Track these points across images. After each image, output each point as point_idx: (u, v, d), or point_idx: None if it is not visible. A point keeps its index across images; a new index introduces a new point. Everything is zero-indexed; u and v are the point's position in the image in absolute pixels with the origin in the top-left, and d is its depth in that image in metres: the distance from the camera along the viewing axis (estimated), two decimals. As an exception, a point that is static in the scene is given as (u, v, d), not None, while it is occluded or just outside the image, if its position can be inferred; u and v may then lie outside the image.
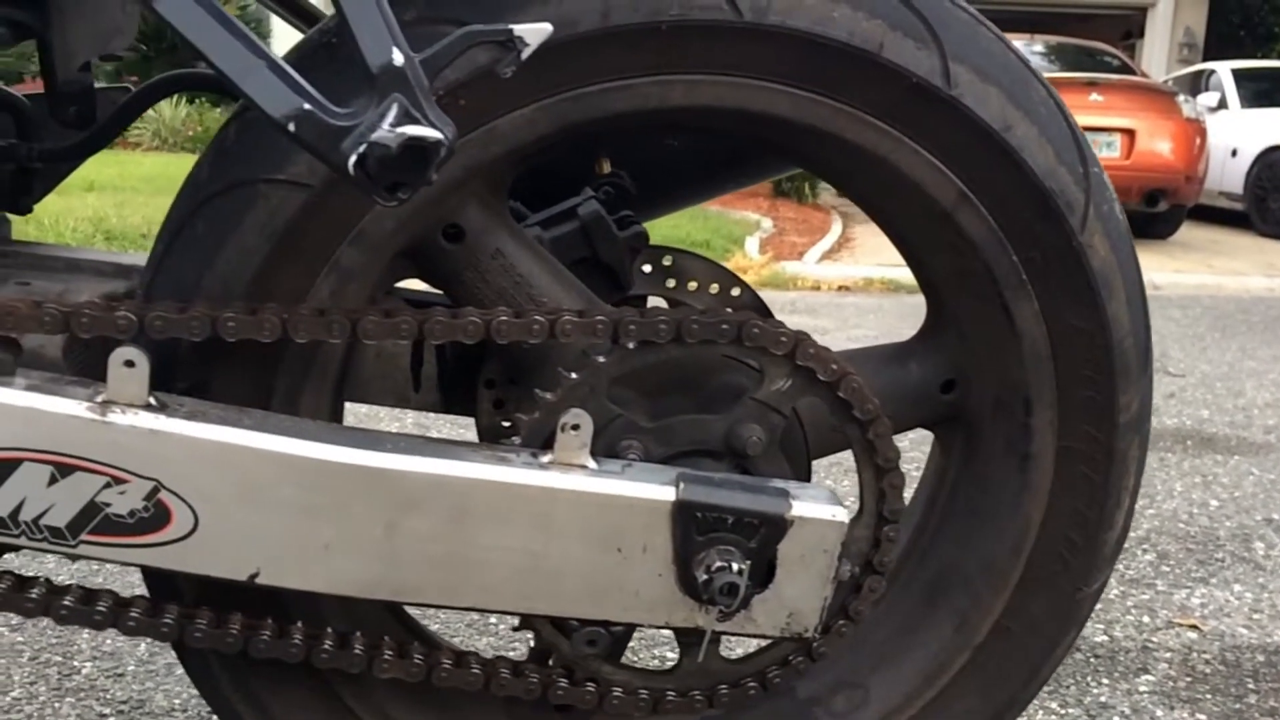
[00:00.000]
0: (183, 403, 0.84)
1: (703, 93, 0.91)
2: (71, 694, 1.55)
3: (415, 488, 0.84)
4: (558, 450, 0.87)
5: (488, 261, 0.99)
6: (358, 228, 0.90)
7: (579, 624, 0.92)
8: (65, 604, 0.88)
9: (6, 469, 0.81)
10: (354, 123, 0.71)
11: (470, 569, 0.86)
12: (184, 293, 0.90)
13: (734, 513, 0.87)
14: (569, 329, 0.89)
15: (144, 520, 0.83)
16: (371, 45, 0.71)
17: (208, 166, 0.91)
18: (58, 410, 0.81)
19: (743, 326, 0.91)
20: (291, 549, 0.85)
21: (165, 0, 0.71)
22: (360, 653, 0.93)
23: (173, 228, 0.92)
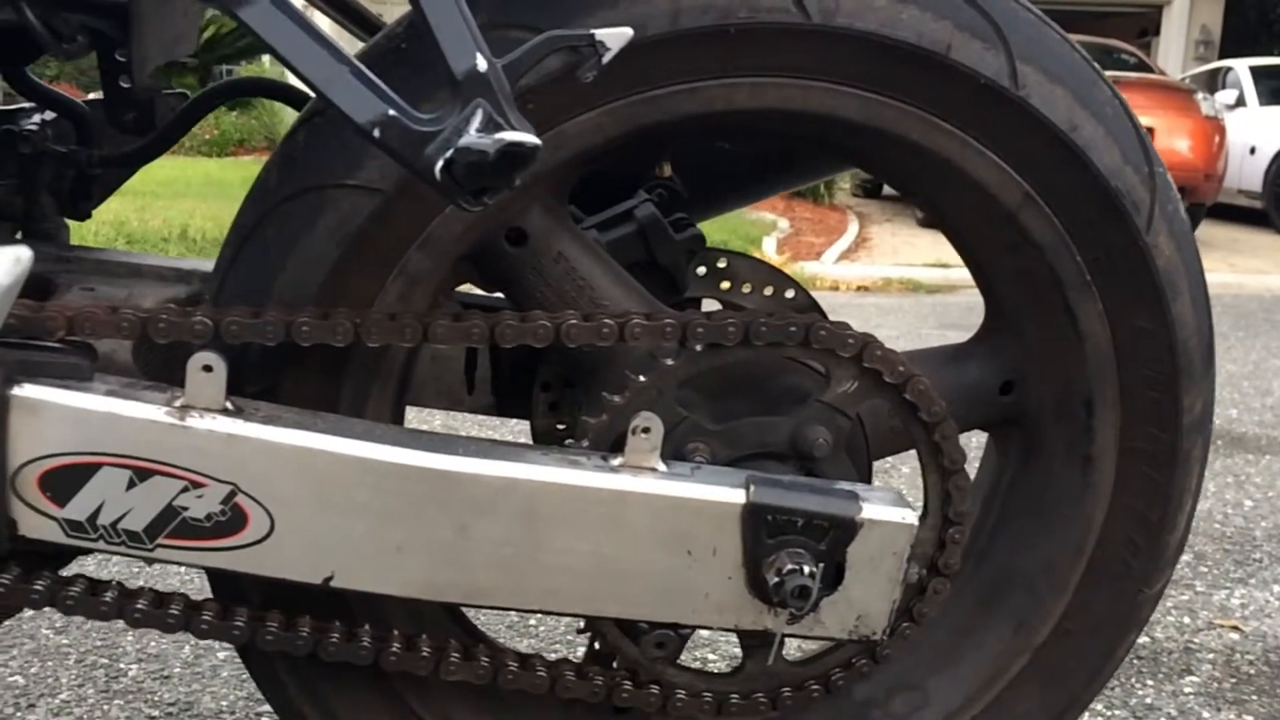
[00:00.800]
0: (258, 407, 0.85)
1: (769, 95, 0.91)
2: (119, 696, 1.56)
3: (487, 491, 0.84)
4: (628, 453, 0.87)
5: (550, 265, 0.99)
6: (426, 232, 0.91)
7: (648, 626, 0.92)
8: (139, 608, 0.89)
9: (86, 473, 0.82)
10: (437, 128, 0.72)
11: (541, 572, 0.87)
12: (254, 298, 0.90)
13: (804, 515, 0.87)
14: (638, 332, 0.89)
15: (221, 524, 0.83)
16: (455, 51, 0.71)
17: (276, 172, 0.92)
18: (137, 415, 0.81)
19: (810, 329, 0.91)
20: (365, 552, 0.85)
21: (249, 7, 0.72)
22: (427, 655, 0.94)
23: (242, 233, 0.92)
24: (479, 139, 0.67)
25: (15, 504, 0.82)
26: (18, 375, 0.80)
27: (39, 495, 0.82)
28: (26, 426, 0.81)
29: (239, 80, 1.20)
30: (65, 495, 0.82)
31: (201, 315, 0.84)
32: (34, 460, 0.81)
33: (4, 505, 0.82)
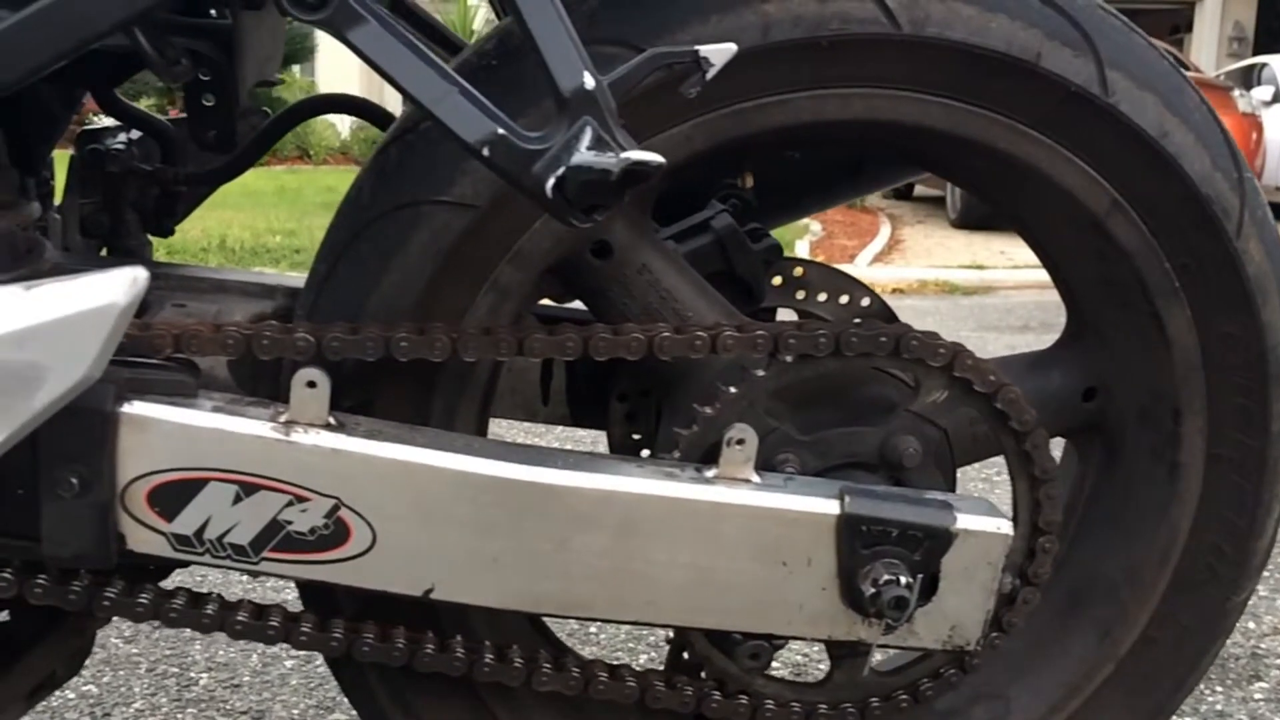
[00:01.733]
0: (359, 422, 0.86)
1: (856, 106, 0.92)
2: (192, 705, 1.58)
3: (586, 503, 0.85)
4: (722, 465, 0.88)
5: (634, 277, 0.99)
6: (516, 247, 0.92)
7: (742, 638, 0.92)
8: (240, 620, 0.90)
9: (193, 488, 0.83)
10: (544, 146, 0.73)
11: (637, 583, 0.87)
12: (349, 313, 0.91)
13: (899, 526, 0.87)
14: (730, 343, 0.90)
15: (324, 537, 0.85)
16: (562, 69, 0.72)
17: (369, 189, 0.93)
18: (243, 431, 0.83)
19: (901, 339, 0.91)
20: (465, 564, 0.86)
21: (357, 30, 0.73)
22: (519, 666, 0.94)
23: (335, 249, 0.94)
24: (601, 158, 0.68)
25: (124, 519, 0.83)
26: (127, 393, 0.82)
27: (147, 510, 0.83)
28: (136, 443, 0.82)
29: (322, 97, 1.21)
30: (173, 510, 0.83)
31: (303, 332, 0.86)
32: (143, 476, 0.83)
33: (113, 520, 0.83)
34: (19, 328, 0.74)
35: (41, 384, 0.75)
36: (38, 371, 0.75)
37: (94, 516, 0.82)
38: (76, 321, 0.75)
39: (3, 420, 0.76)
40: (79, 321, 0.75)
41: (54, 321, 0.74)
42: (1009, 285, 6.25)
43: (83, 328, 0.75)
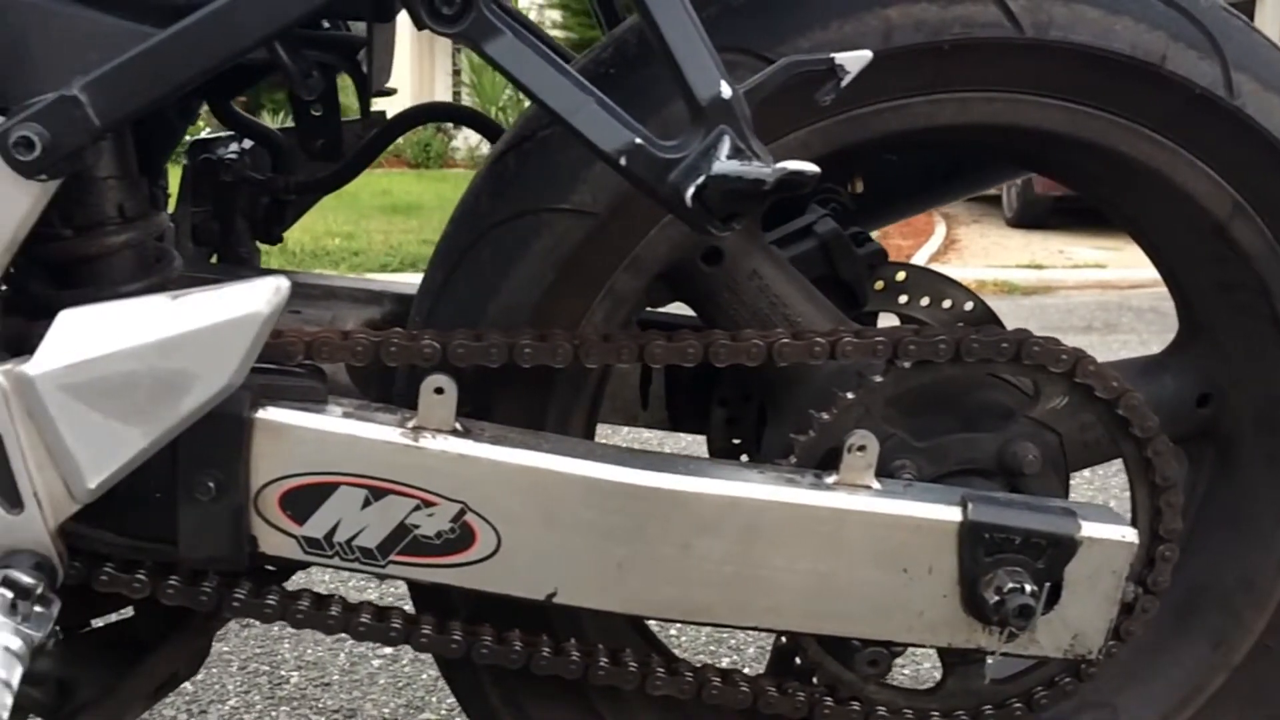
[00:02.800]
0: (484, 428, 0.87)
1: (975, 110, 0.91)
2: (285, 703, 1.61)
3: (709, 509, 0.85)
4: (843, 471, 0.87)
5: (744, 282, 1.00)
6: (634, 253, 0.92)
7: (861, 644, 0.92)
8: (362, 622, 0.92)
9: (324, 493, 0.85)
10: (679, 155, 0.73)
11: (759, 589, 0.87)
12: (468, 320, 0.92)
13: (1023, 533, 0.87)
14: (849, 349, 0.90)
15: (450, 541, 0.86)
16: (698, 78, 0.72)
17: (488, 196, 0.94)
18: (373, 436, 0.84)
19: (1022, 344, 0.90)
20: (588, 570, 0.86)
21: (494, 43, 0.74)
22: (634, 670, 0.95)
23: (454, 256, 0.95)
24: (753, 167, 0.68)
25: (257, 522, 0.85)
26: (261, 399, 0.84)
27: (279, 514, 0.85)
28: (269, 448, 0.84)
29: (426, 106, 1.23)
30: (304, 514, 0.85)
31: (430, 339, 0.87)
32: (276, 480, 0.84)
33: (246, 523, 0.85)
34: (167, 336, 0.76)
35: (187, 391, 0.77)
36: (184, 379, 0.77)
37: (229, 520, 0.84)
38: (222, 330, 0.76)
39: (149, 426, 0.78)
40: (224, 330, 0.77)
41: (200, 330, 0.76)
42: (1069, 285, 6.16)
43: (227, 336, 0.77)
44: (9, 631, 0.72)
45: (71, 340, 0.76)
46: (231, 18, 0.73)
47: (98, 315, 0.77)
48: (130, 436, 0.78)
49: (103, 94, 0.73)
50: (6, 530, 0.79)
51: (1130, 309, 5.38)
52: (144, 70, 0.74)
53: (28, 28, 0.78)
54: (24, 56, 0.78)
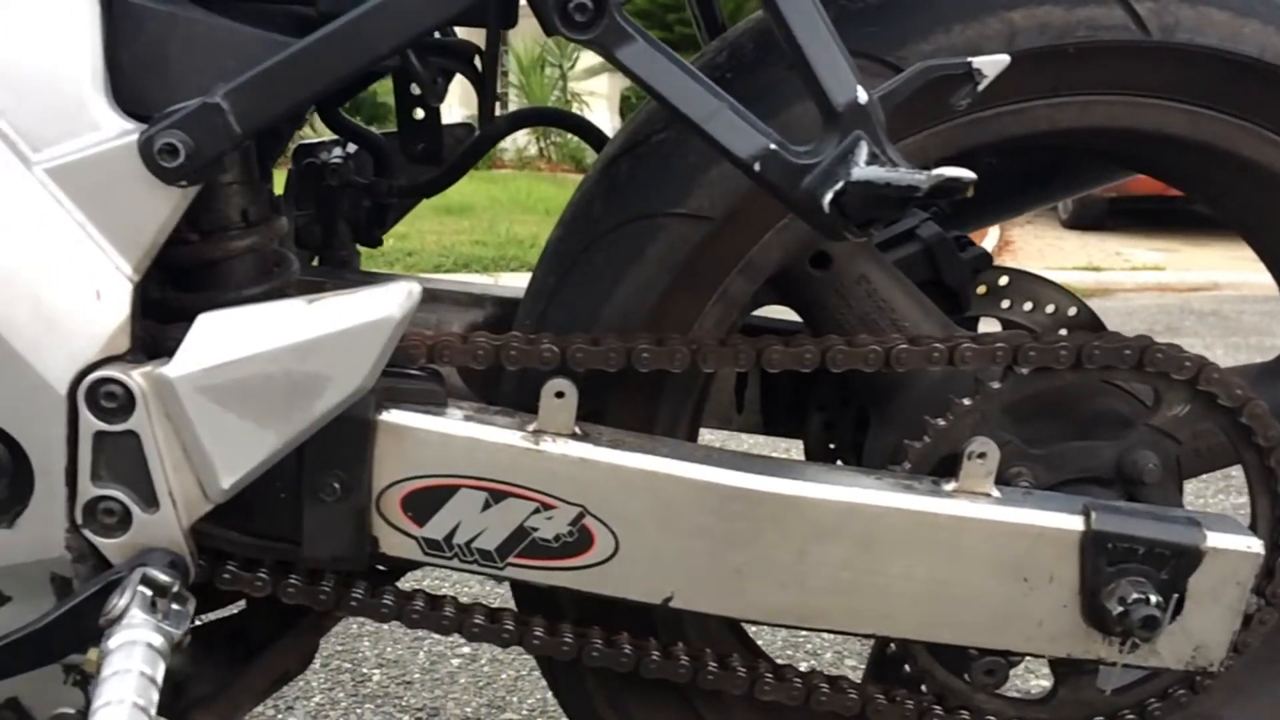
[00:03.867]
0: (602, 431, 0.87)
1: (1096, 113, 0.90)
2: (369, 700, 1.63)
3: (828, 515, 0.85)
4: (963, 478, 0.87)
5: (852, 287, 0.99)
6: (747, 258, 0.92)
7: (978, 653, 0.91)
8: (476, 623, 0.92)
9: (445, 495, 0.86)
10: (814, 161, 0.73)
11: (876, 596, 0.87)
12: (581, 323, 0.93)
13: (1147, 543, 0.85)
14: (969, 355, 0.89)
15: (568, 544, 0.86)
16: (834, 84, 0.72)
17: (600, 201, 0.95)
18: (494, 439, 0.85)
19: (1144, 351, 0.89)
20: (705, 574, 0.87)
21: (625, 49, 0.74)
22: (743, 675, 0.95)
23: (565, 261, 0.95)
24: (905, 174, 0.68)
25: (378, 523, 0.86)
26: (385, 401, 0.85)
27: (400, 515, 0.86)
28: (392, 450, 0.85)
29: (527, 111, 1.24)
30: (425, 515, 0.86)
31: (549, 343, 0.87)
32: (398, 482, 0.85)
33: (368, 524, 0.86)
34: (303, 339, 0.77)
35: (321, 393, 0.79)
36: (318, 381, 0.78)
37: (352, 520, 0.85)
38: (356, 333, 0.78)
39: (283, 427, 0.79)
40: (358, 333, 0.78)
41: (335, 333, 0.77)
42: (1127, 287, 6.06)
43: (361, 339, 0.78)
44: (151, 629, 0.74)
45: (210, 343, 0.78)
46: (370, 25, 0.74)
47: (235, 318, 0.78)
48: (265, 438, 0.79)
49: (244, 101, 0.75)
50: (142, 529, 0.80)
51: (1192, 312, 5.29)
52: (285, 77, 0.75)
53: (166, 37, 0.79)
54: (162, 65, 0.79)
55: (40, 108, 0.75)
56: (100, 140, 0.76)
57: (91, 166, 0.76)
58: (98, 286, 0.77)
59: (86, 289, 0.77)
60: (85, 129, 0.76)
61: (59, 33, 0.75)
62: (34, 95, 0.75)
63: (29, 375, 0.76)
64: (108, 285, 0.77)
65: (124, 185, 0.76)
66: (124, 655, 0.72)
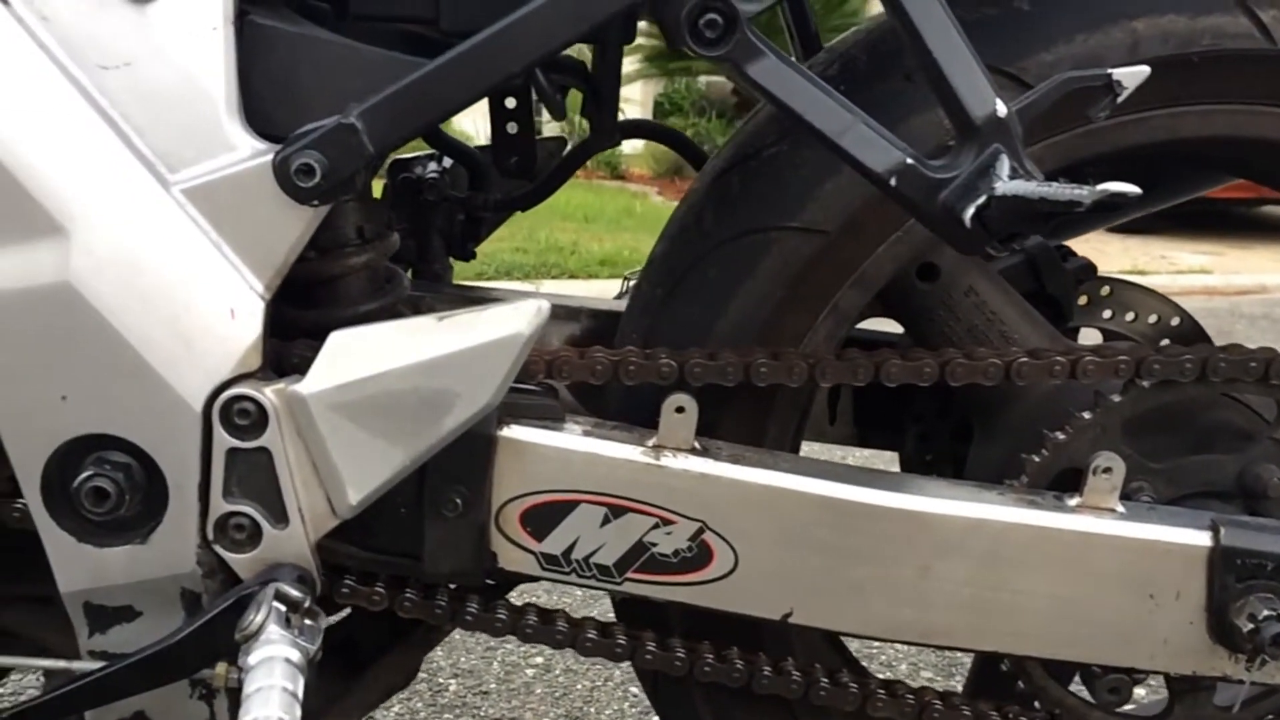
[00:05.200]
0: (721, 447, 0.87)
1: (1217, 122, 0.89)
2: (447, 710, 1.63)
3: (951, 531, 0.84)
4: (1087, 493, 0.86)
5: (960, 299, 0.99)
6: (860, 270, 0.92)
7: (1100, 671, 0.90)
8: (589, 637, 0.92)
9: (564, 510, 0.86)
10: (950, 175, 0.72)
11: (1000, 613, 0.86)
12: (692, 338, 0.93)
13: (1277, 559, 0.84)
14: (1091, 368, 0.88)
15: (687, 559, 0.86)
16: (971, 97, 0.72)
17: (711, 214, 0.95)
18: (614, 455, 0.85)
19: (1270, 364, 0.88)
20: (825, 590, 0.86)
21: (756, 65, 0.74)
22: (854, 691, 0.94)
23: (673, 274, 0.95)
24: (1066, 189, 0.67)
25: (497, 538, 0.87)
26: (505, 417, 0.85)
27: (519, 530, 0.86)
28: (513, 465, 0.85)
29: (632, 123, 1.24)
30: (543, 530, 0.86)
31: (667, 358, 0.87)
32: (518, 497, 0.86)
33: (487, 539, 0.86)
34: (434, 356, 0.78)
35: (450, 410, 0.79)
36: (447, 398, 0.78)
37: (472, 535, 0.86)
38: (485, 350, 0.78)
39: (412, 444, 0.79)
40: (488, 350, 0.78)
41: (465, 350, 0.78)
42: (1173, 291, 5.93)
43: (491, 356, 0.78)
44: (287, 644, 0.74)
45: (342, 360, 0.78)
46: (503, 45, 0.75)
47: (366, 336, 0.79)
48: (393, 454, 0.79)
49: (378, 121, 0.75)
50: (271, 544, 0.81)
51: (1242, 316, 5.21)
52: (418, 97, 0.75)
53: (294, 58, 0.80)
54: (291, 86, 0.80)
55: (178, 129, 0.76)
56: (235, 161, 0.77)
57: (227, 187, 0.77)
58: (232, 305, 0.78)
59: (221, 308, 0.78)
60: (221, 150, 0.77)
61: (196, 55, 0.76)
62: (172, 117, 0.76)
63: (166, 393, 0.77)
64: (242, 304, 0.78)
65: (258, 205, 0.77)
66: (265, 671, 0.72)
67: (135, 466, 0.79)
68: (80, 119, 0.74)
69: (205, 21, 0.76)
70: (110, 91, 0.75)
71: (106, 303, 0.75)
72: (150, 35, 0.75)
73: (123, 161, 0.75)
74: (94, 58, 0.75)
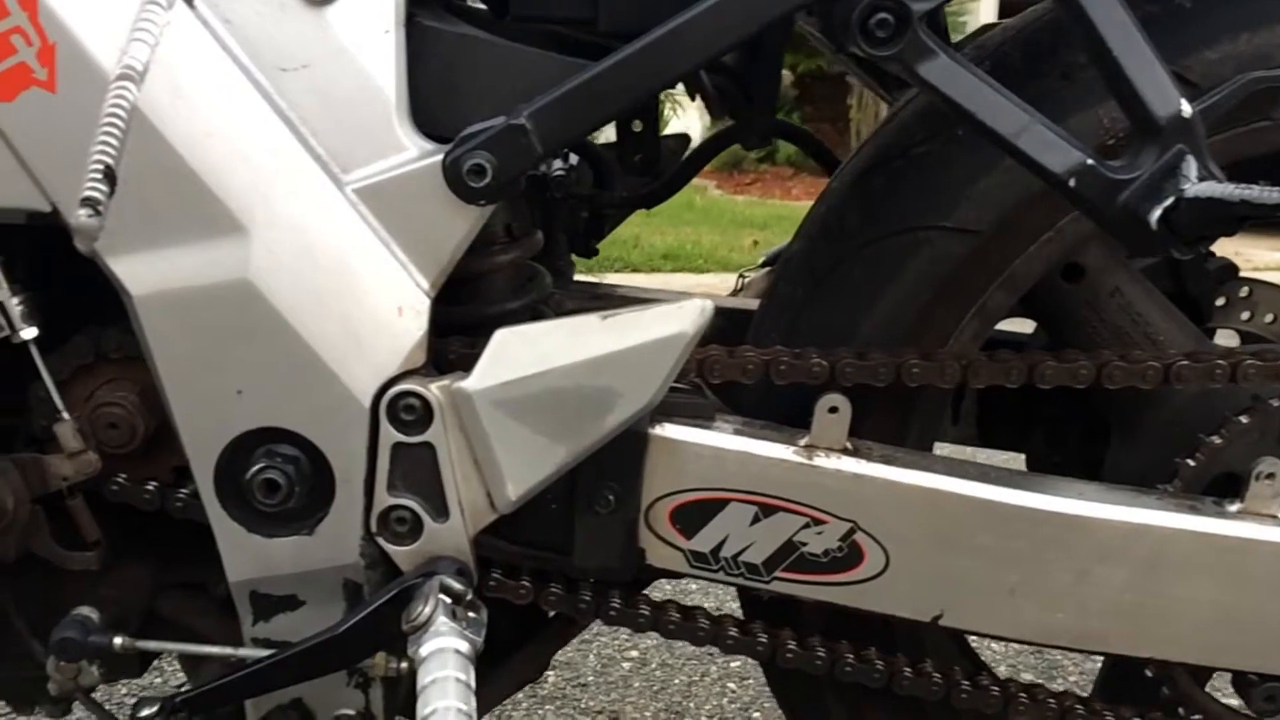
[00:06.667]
0: (872, 447, 0.87)
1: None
2: (549, 702, 1.65)
3: (1111, 536, 0.83)
4: (1249, 499, 0.84)
5: (1106, 300, 0.97)
6: (1009, 271, 0.91)
7: (1258, 678, 0.88)
8: (731, 635, 0.93)
9: (714, 508, 0.86)
10: (1131, 176, 0.71)
11: (1158, 619, 0.85)
12: (834, 338, 0.92)
13: None
14: (1252, 372, 0.86)
15: (836, 559, 0.86)
16: (1155, 97, 0.70)
17: (855, 214, 0.94)
18: (766, 453, 0.85)
19: None
20: (979, 593, 0.86)
21: (927, 65, 0.74)
22: (996, 695, 0.94)
23: (815, 274, 0.95)
24: (1272, 192, 0.66)
25: (646, 535, 0.87)
26: (657, 415, 0.85)
27: (669, 528, 0.87)
28: (664, 463, 0.86)
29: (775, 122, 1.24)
30: (693, 528, 0.87)
31: (819, 357, 0.87)
32: (668, 495, 0.86)
33: (636, 536, 0.87)
34: (599, 355, 0.78)
35: (612, 408, 0.80)
36: (610, 396, 0.79)
37: (622, 532, 0.87)
38: (650, 349, 0.78)
39: (574, 441, 0.80)
40: (652, 349, 0.78)
41: (629, 349, 0.78)
42: (1254, 290, 5.83)
43: (654, 355, 0.78)
44: (457, 635, 0.76)
45: (506, 358, 0.79)
46: (673, 46, 0.75)
47: (531, 334, 0.80)
48: (555, 451, 0.80)
49: (547, 122, 0.76)
50: (431, 538, 0.83)
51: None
52: (587, 98, 0.76)
53: (458, 59, 0.81)
54: (455, 87, 0.81)
55: (351, 130, 0.78)
56: (405, 161, 0.78)
57: (397, 187, 0.78)
58: (400, 303, 0.79)
59: (390, 305, 0.79)
60: (392, 150, 0.78)
61: (370, 57, 0.77)
62: (346, 118, 0.78)
63: (337, 388, 0.79)
64: (409, 301, 0.79)
65: (426, 204, 0.78)
66: (438, 662, 0.73)
67: (303, 460, 0.81)
68: (261, 120, 0.76)
69: (379, 24, 0.77)
70: (289, 93, 0.77)
71: (283, 300, 0.77)
72: (327, 38, 0.77)
73: (300, 162, 0.77)
74: (273, 60, 0.77)
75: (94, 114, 0.70)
